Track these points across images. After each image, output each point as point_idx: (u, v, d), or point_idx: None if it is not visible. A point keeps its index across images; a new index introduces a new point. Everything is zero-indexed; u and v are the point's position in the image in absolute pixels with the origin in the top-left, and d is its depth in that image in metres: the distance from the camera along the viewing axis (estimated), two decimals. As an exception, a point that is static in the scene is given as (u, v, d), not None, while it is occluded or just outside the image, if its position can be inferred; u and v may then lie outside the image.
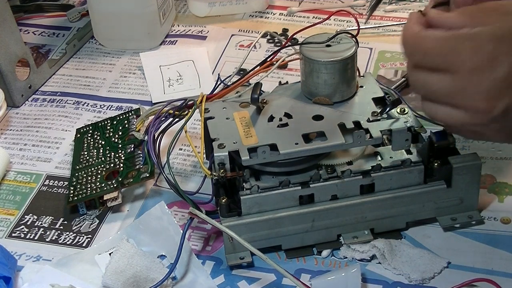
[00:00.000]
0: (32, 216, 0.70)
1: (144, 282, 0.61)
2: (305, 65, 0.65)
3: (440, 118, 0.56)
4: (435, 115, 0.56)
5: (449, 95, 0.54)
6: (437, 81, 0.54)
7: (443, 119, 0.56)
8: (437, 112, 0.55)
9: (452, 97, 0.54)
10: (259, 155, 0.61)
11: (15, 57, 0.83)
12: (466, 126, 0.55)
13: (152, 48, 0.92)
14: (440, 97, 0.54)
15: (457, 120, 0.54)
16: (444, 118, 0.55)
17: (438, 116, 0.56)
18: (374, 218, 0.64)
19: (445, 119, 0.55)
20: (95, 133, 0.76)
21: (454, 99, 0.54)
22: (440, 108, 0.55)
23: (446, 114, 0.55)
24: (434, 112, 0.56)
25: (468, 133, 0.57)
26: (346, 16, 0.94)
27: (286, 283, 0.62)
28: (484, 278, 0.59)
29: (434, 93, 0.55)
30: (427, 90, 0.55)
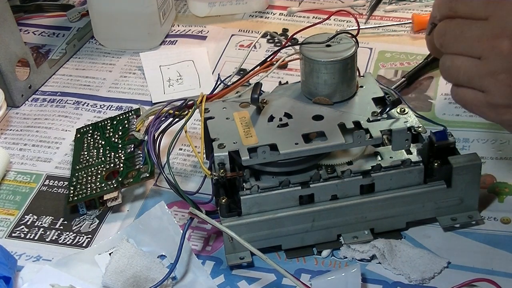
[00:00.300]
0: (32, 216, 0.70)
1: (144, 282, 0.61)
2: (305, 65, 0.65)
3: (470, 102, 0.57)
4: (464, 99, 0.57)
5: (477, 76, 0.55)
6: (465, 65, 0.56)
7: (472, 102, 0.57)
8: (466, 97, 0.57)
9: (479, 78, 0.55)
10: (259, 155, 0.61)
11: (15, 57, 0.83)
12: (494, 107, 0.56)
13: (152, 48, 0.92)
14: (467, 79, 0.56)
15: (480, 103, 0.56)
16: (473, 101, 0.57)
17: (467, 100, 0.57)
18: (374, 218, 0.64)
19: (474, 102, 0.57)
20: (95, 133, 0.76)
21: (481, 80, 0.55)
22: (468, 92, 0.57)
23: (474, 97, 0.56)
24: (463, 97, 0.57)
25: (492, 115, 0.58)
26: (346, 16, 0.94)
27: (286, 283, 0.62)
28: (484, 278, 0.59)
29: (461, 75, 0.56)
30: (453, 75, 0.57)
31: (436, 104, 0.79)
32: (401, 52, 0.87)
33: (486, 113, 0.57)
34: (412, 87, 0.82)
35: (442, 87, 0.81)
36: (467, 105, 0.58)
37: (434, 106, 0.79)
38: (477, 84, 0.56)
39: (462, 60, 0.56)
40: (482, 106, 0.57)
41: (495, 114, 0.57)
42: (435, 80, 0.83)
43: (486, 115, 0.58)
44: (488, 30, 0.54)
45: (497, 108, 0.56)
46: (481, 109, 0.57)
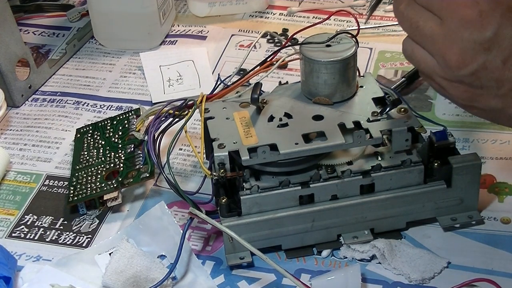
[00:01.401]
0: (32, 216, 0.70)
1: (144, 282, 0.61)
2: (305, 65, 0.65)
3: (415, 60, 0.56)
4: (411, 54, 0.56)
5: (431, 38, 0.54)
6: (425, 20, 0.54)
7: (417, 60, 0.56)
8: (414, 52, 0.56)
9: (433, 42, 0.54)
10: (259, 155, 0.61)
11: (15, 57, 0.83)
12: (435, 77, 0.55)
13: (152, 48, 0.92)
14: (422, 37, 0.55)
15: (429, 67, 0.55)
16: (418, 61, 0.56)
17: (414, 56, 0.56)
18: (374, 218, 0.64)
19: (418, 61, 0.56)
20: (95, 133, 0.76)
21: (433, 44, 0.54)
22: (419, 49, 0.55)
23: (421, 57, 0.55)
24: (410, 51, 0.56)
25: (434, 84, 0.57)
26: (346, 16, 0.94)
27: (286, 283, 0.62)
28: (484, 278, 0.59)
29: (418, 31, 0.55)
30: (413, 26, 0.55)
31: (436, 104, 0.79)
32: (401, 52, 0.86)
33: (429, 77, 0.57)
34: (412, 87, 0.82)
35: (442, 87, 0.81)
36: (413, 60, 0.57)
37: (434, 106, 0.79)
38: (436, 82, 0.56)
39: (421, 55, 0.56)
40: (445, 96, 0.57)
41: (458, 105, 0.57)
42: (435, 80, 0.83)
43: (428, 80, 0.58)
44: (440, 36, 0.53)
45: (458, 103, 0.57)
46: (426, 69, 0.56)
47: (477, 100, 0.55)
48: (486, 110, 0.56)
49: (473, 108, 0.57)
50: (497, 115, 0.56)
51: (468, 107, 0.57)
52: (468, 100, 0.56)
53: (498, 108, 0.55)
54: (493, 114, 0.57)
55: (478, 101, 0.55)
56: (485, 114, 0.57)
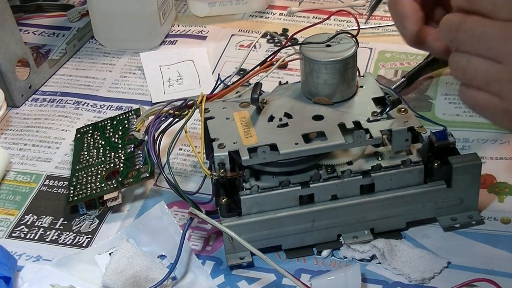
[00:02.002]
0: (32, 216, 0.70)
1: (144, 282, 0.61)
2: (305, 65, 0.65)
3: (469, 70, 0.53)
4: (475, 102, 0.54)
5: (505, 38, 0.51)
6: (485, 67, 0.53)
7: (474, 69, 0.53)
8: (478, 99, 0.54)
9: (506, 41, 0.51)
10: (259, 155, 0.61)
11: (15, 57, 0.83)
12: (496, 84, 0.53)
13: (152, 48, 0.92)
14: (485, 82, 0.53)
15: (490, 74, 0.52)
16: (485, 105, 0.54)
17: (479, 103, 0.54)
18: (374, 218, 0.64)
19: (486, 106, 0.54)
20: (95, 133, 0.76)
21: (507, 43, 0.51)
22: (481, 94, 0.54)
23: (478, 65, 0.53)
24: (474, 99, 0.54)
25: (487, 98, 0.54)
26: (346, 16, 0.94)
27: (286, 283, 0.62)
28: (484, 278, 0.59)
29: (478, 78, 0.53)
30: (470, 75, 0.54)
31: (436, 104, 0.79)
32: (401, 52, 0.87)
33: (499, 119, 0.54)
34: (412, 87, 0.82)
35: (442, 87, 0.81)
36: (478, 107, 0.55)
37: (434, 106, 0.79)
38: (495, 88, 0.53)
39: (481, 61, 0.53)
40: (496, 112, 0.54)
41: (509, 121, 0.54)
42: (435, 80, 0.83)
43: (499, 121, 0.55)
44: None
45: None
46: (495, 114, 0.54)
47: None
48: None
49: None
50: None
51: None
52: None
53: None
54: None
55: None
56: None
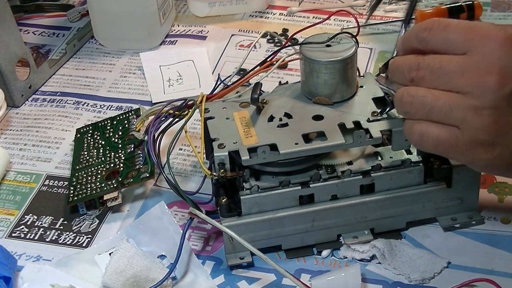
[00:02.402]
0: (32, 216, 0.70)
1: (144, 282, 0.61)
2: (305, 65, 0.65)
3: (426, 103, 0.54)
4: (437, 138, 0.55)
5: (459, 72, 0.53)
6: (447, 59, 0.54)
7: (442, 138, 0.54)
8: (440, 135, 0.55)
9: (461, 75, 0.53)
10: (259, 155, 0.61)
11: (15, 57, 0.83)
12: (455, 113, 0.53)
13: (152, 48, 0.92)
14: (447, 75, 0.54)
15: (447, 105, 0.53)
16: (444, 137, 0.54)
17: (425, 100, 0.54)
18: (374, 218, 0.64)
19: (445, 138, 0.54)
20: (95, 133, 0.76)
21: (461, 77, 0.53)
22: (429, 91, 0.54)
23: (436, 97, 0.54)
24: (436, 135, 0.55)
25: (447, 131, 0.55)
26: (346, 16, 0.94)
27: (286, 283, 0.62)
28: (484, 278, 0.59)
29: (440, 71, 0.54)
30: (434, 69, 0.54)
31: (436, 104, 0.79)
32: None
33: (458, 151, 0.55)
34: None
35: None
36: (433, 142, 0.55)
37: (434, 106, 0.79)
38: (456, 117, 0.53)
39: (440, 92, 0.54)
40: (456, 145, 0.54)
41: (471, 153, 0.54)
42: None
43: (456, 154, 0.55)
44: (471, 65, 0.53)
45: (476, 146, 0.54)
46: (454, 147, 0.54)
47: (503, 132, 0.53)
48: (509, 146, 0.53)
49: (496, 146, 0.53)
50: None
51: (490, 146, 0.54)
52: (495, 132, 0.53)
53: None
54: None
55: (504, 133, 0.53)
56: (506, 154, 0.54)
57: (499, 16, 0.94)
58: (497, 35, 0.53)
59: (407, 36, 0.58)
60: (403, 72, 0.57)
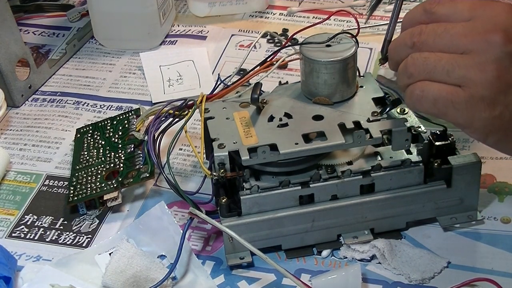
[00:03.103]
0: (32, 216, 0.70)
1: (144, 282, 0.61)
2: (305, 65, 0.65)
3: (429, 62, 0.54)
4: (437, 95, 0.54)
5: (463, 33, 0.53)
6: (452, 24, 0.54)
7: (432, 61, 0.54)
8: (441, 92, 0.54)
9: (465, 35, 0.53)
10: (259, 155, 0.61)
11: (15, 57, 0.83)
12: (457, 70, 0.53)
13: (152, 48, 0.92)
14: (451, 36, 0.54)
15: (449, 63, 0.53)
16: (434, 61, 0.54)
17: (428, 60, 0.54)
18: (374, 218, 0.64)
19: (434, 61, 0.54)
20: (95, 133, 0.76)
21: (466, 36, 0.53)
22: (443, 87, 0.54)
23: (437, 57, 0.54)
24: (436, 93, 0.54)
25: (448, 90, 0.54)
26: (346, 16, 0.94)
27: (286, 283, 0.62)
28: (484, 278, 0.59)
29: (446, 32, 0.54)
30: (438, 32, 0.54)
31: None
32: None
33: (457, 108, 0.54)
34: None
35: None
36: (433, 97, 0.54)
37: (434, 106, 0.79)
38: (458, 75, 0.53)
39: (442, 54, 0.54)
40: (456, 100, 0.53)
41: (470, 110, 0.53)
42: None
43: (455, 111, 0.54)
44: (476, 26, 0.53)
45: (477, 103, 0.53)
46: (454, 103, 0.53)
47: (504, 90, 0.53)
48: (509, 107, 0.53)
49: (496, 104, 0.53)
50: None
51: (491, 104, 0.53)
52: (497, 89, 0.52)
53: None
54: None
55: (507, 92, 0.53)
56: (507, 115, 0.53)
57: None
58: (501, 5, 0.54)
59: (413, 11, 0.58)
60: (404, 40, 0.57)
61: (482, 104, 0.53)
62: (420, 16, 0.57)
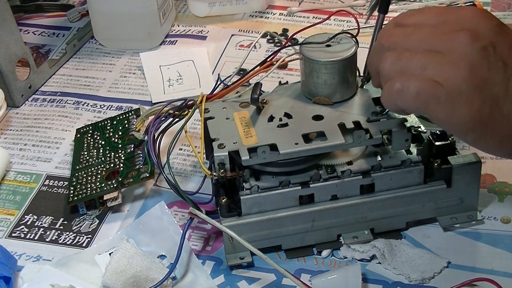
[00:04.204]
0: (32, 216, 0.70)
1: (144, 282, 0.61)
2: (305, 65, 0.65)
3: (404, 60, 0.55)
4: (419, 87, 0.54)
5: (432, 33, 0.55)
6: (419, 27, 0.56)
7: (407, 59, 0.55)
8: (422, 85, 0.54)
9: (434, 35, 0.54)
10: (259, 155, 0.61)
11: (15, 57, 0.83)
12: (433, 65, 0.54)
13: (152, 48, 0.92)
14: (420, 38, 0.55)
15: (425, 58, 0.54)
16: (408, 59, 0.54)
17: (401, 58, 0.55)
18: (374, 218, 0.64)
19: (408, 59, 0.54)
20: (95, 133, 0.76)
21: (435, 36, 0.54)
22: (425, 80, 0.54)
23: (411, 55, 0.55)
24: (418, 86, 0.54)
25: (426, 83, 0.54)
26: (346, 16, 0.94)
27: (286, 283, 0.62)
28: (484, 278, 0.59)
29: (415, 33, 0.55)
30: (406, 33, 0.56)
31: (436, 104, 0.79)
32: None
33: (439, 102, 0.54)
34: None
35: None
36: (415, 91, 0.54)
37: (434, 106, 0.79)
38: (432, 74, 0.54)
39: (414, 52, 0.55)
40: (437, 95, 0.53)
41: (451, 104, 0.53)
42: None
43: (437, 105, 0.54)
44: (445, 27, 0.55)
45: (456, 96, 0.53)
46: (436, 98, 0.53)
47: (480, 85, 0.53)
48: (486, 101, 0.53)
49: (475, 99, 0.53)
50: (496, 112, 0.54)
51: (469, 98, 0.53)
52: (473, 84, 0.53)
53: (500, 95, 0.53)
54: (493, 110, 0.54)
55: (481, 86, 0.53)
56: (486, 109, 0.54)
57: (499, 16, 0.94)
58: (469, 10, 0.56)
59: (385, 27, 0.60)
60: (375, 48, 0.58)
61: (461, 99, 0.53)
62: (391, 28, 0.58)
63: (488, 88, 0.53)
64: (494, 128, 0.54)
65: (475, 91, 0.53)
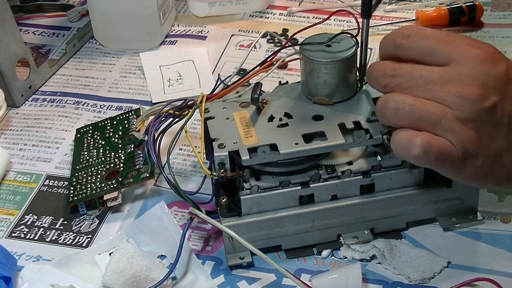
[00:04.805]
0: (32, 216, 0.70)
1: (144, 282, 0.61)
2: (305, 65, 0.65)
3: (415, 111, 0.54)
4: (410, 108, 0.54)
5: (441, 82, 0.54)
6: (429, 69, 0.55)
7: (419, 110, 0.54)
8: (414, 105, 0.54)
9: (443, 85, 0.54)
10: (259, 155, 0.61)
11: (15, 57, 0.83)
12: (443, 123, 0.54)
13: (152, 48, 0.92)
14: (428, 85, 0.54)
15: (435, 114, 0.54)
16: (420, 110, 0.54)
17: (414, 109, 0.54)
18: (374, 218, 0.64)
19: (421, 111, 0.54)
20: (95, 133, 0.76)
21: (444, 87, 0.54)
22: (417, 100, 0.55)
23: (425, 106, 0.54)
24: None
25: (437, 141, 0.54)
26: (346, 16, 0.94)
27: (286, 283, 0.62)
28: (484, 278, 0.59)
29: (422, 79, 0.55)
30: (415, 77, 0.55)
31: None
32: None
33: (453, 163, 0.55)
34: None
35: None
36: (437, 153, 0.54)
37: (434, 106, 0.79)
38: (444, 128, 0.54)
39: (426, 102, 0.54)
40: (452, 156, 0.54)
41: (463, 164, 0.55)
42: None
43: (451, 166, 0.55)
44: (454, 77, 0.54)
45: (466, 157, 0.54)
46: (451, 159, 0.54)
47: (486, 144, 0.54)
48: (490, 157, 0.55)
49: (479, 157, 0.54)
50: (497, 164, 0.55)
51: (474, 157, 0.54)
52: (480, 145, 0.54)
53: (503, 149, 0.55)
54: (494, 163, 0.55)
55: (486, 145, 0.54)
56: (487, 164, 0.55)
57: (499, 16, 0.94)
58: (477, 53, 0.54)
59: (384, 41, 0.59)
60: (377, 78, 0.58)
61: (467, 159, 0.55)
62: (392, 49, 0.58)
63: (493, 144, 0.54)
64: (494, 176, 0.56)
65: (481, 151, 0.54)
